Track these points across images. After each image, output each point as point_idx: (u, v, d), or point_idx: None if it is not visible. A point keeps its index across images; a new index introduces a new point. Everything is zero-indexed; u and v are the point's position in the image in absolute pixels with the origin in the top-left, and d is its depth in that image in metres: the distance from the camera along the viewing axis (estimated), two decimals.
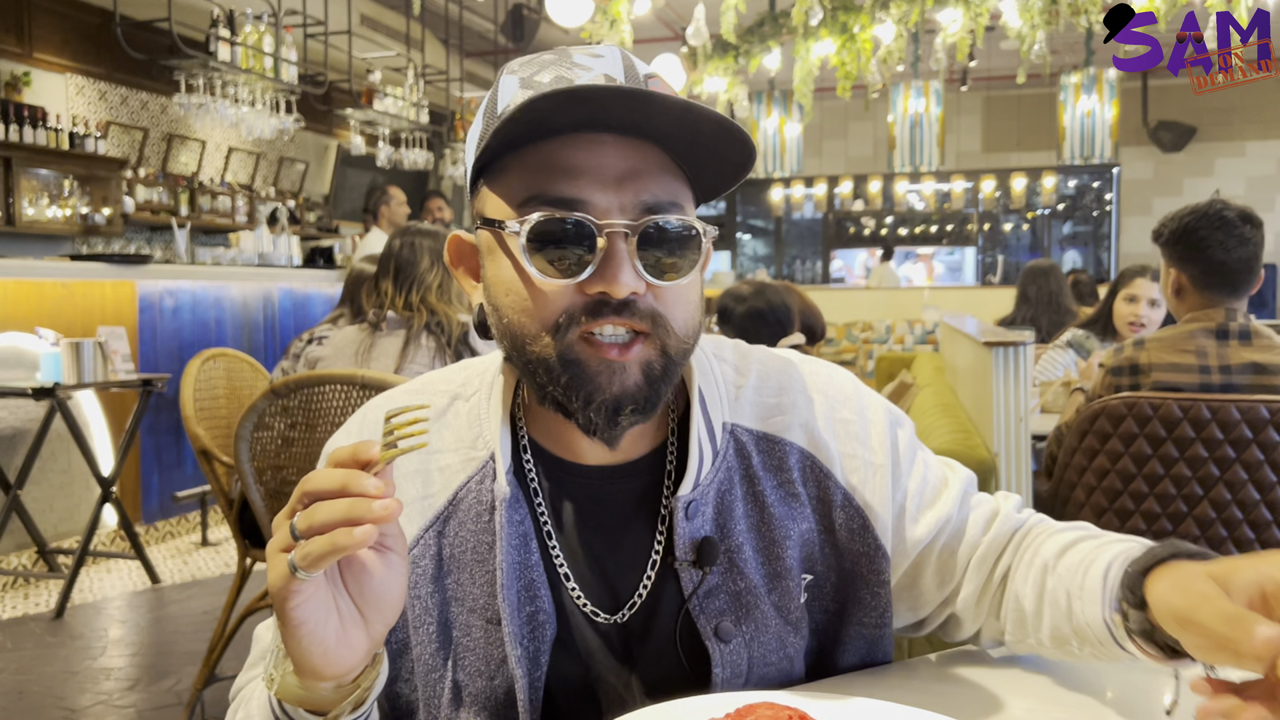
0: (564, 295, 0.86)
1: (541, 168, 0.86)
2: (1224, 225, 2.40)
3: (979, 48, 8.34)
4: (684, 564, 0.94)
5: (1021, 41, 7.14)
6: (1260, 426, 2.27)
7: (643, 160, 0.87)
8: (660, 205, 0.87)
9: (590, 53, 0.90)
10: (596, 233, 0.84)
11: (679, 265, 0.88)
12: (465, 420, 0.99)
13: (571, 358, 0.86)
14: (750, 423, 0.99)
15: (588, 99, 0.81)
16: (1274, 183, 13.10)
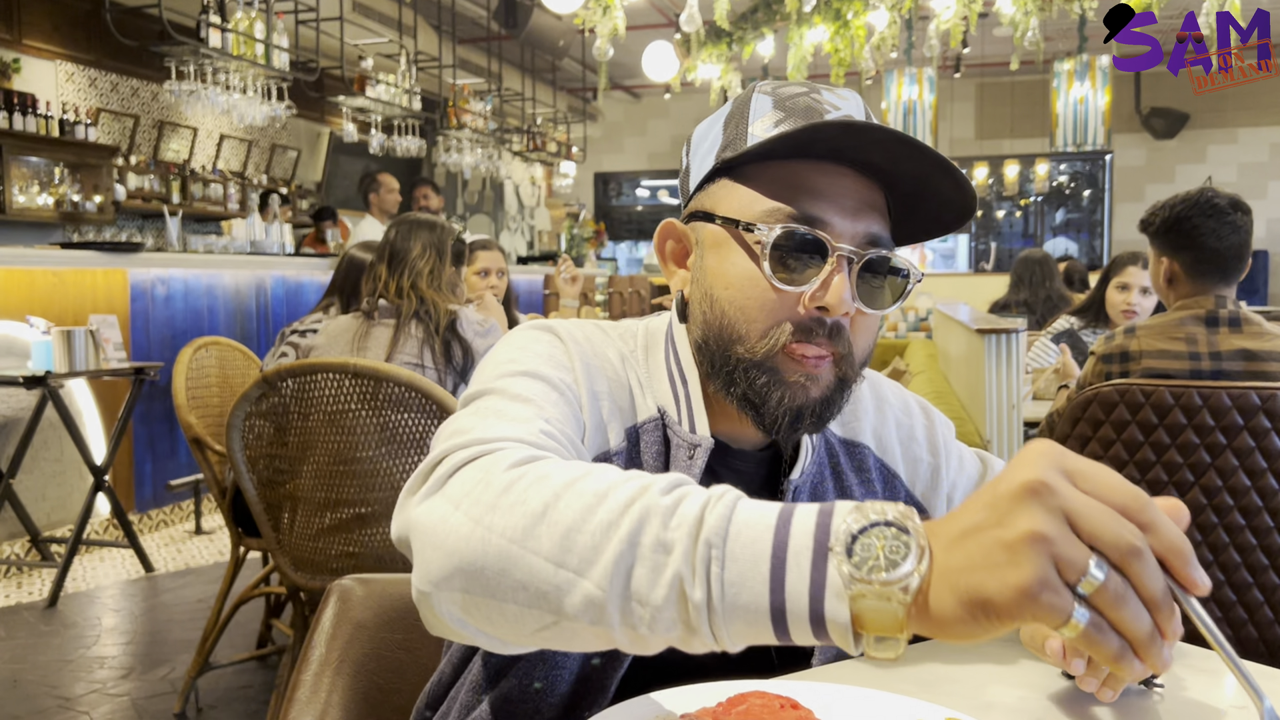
0: (785, 305, 0.94)
1: (793, 184, 0.95)
2: (1216, 213, 2.41)
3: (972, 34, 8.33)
4: None
5: (1015, 28, 7.13)
6: (1251, 413, 2.28)
7: (872, 197, 0.96)
8: (881, 240, 0.96)
9: (837, 94, 0.99)
10: (830, 252, 0.93)
11: (884, 298, 0.97)
12: (639, 367, 1.04)
13: (772, 365, 0.95)
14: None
15: (861, 133, 0.90)
16: (1266, 169, 13.12)
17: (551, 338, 1.01)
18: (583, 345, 1.01)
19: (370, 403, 2.25)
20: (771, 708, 0.81)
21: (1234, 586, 2.36)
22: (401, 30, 8.78)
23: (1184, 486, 2.35)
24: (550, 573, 0.68)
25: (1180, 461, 2.35)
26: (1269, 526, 2.32)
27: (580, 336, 1.03)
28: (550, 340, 1.01)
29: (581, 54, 10.97)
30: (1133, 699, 0.93)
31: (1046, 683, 0.96)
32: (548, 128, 11.81)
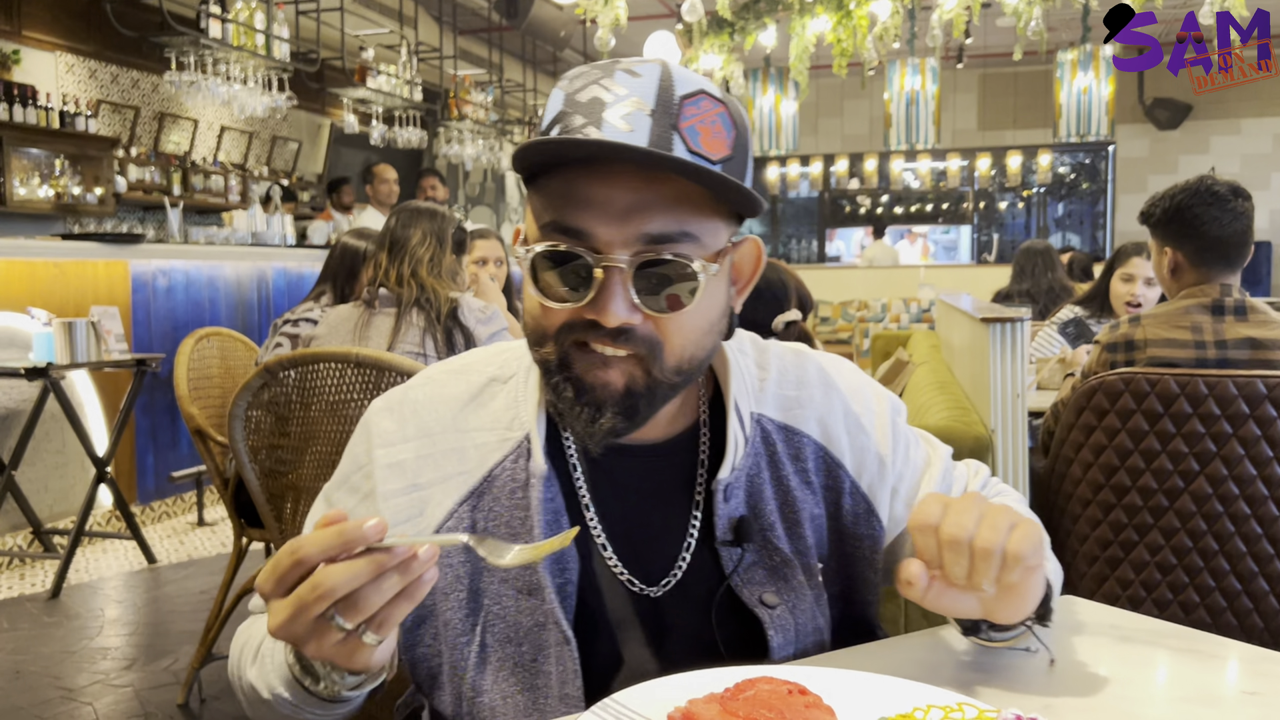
0: (563, 315, 0.92)
1: (560, 194, 0.91)
2: (1216, 201, 2.40)
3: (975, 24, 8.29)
4: (724, 543, 1.00)
5: (1018, 18, 7.10)
6: (1257, 402, 2.27)
7: (655, 193, 0.89)
8: (667, 236, 0.90)
9: (630, 70, 0.91)
10: (593, 264, 0.89)
11: (677, 298, 0.91)
12: (502, 402, 1.04)
13: (564, 360, 0.93)
14: (773, 413, 1.06)
15: (581, 147, 0.87)
16: (1269, 160, 13.08)
17: (359, 441, 1.07)
18: (392, 435, 1.04)
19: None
20: (779, 693, 0.81)
21: (1239, 576, 2.35)
22: (402, 21, 8.76)
23: (1189, 476, 2.35)
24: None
25: (1185, 451, 2.34)
26: (1275, 515, 2.31)
27: (406, 414, 1.05)
28: (358, 451, 1.06)
29: (583, 45, 10.94)
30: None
31: (1049, 670, 0.95)
32: None
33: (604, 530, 1.02)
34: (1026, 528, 0.85)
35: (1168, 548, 2.39)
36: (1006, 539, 0.83)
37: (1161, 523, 2.38)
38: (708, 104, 0.91)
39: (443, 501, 1.01)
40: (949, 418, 2.64)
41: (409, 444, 1.03)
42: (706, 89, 0.92)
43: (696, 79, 0.93)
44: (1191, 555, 2.37)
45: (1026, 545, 0.84)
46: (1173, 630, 1.05)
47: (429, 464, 1.02)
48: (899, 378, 3.99)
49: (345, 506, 1.04)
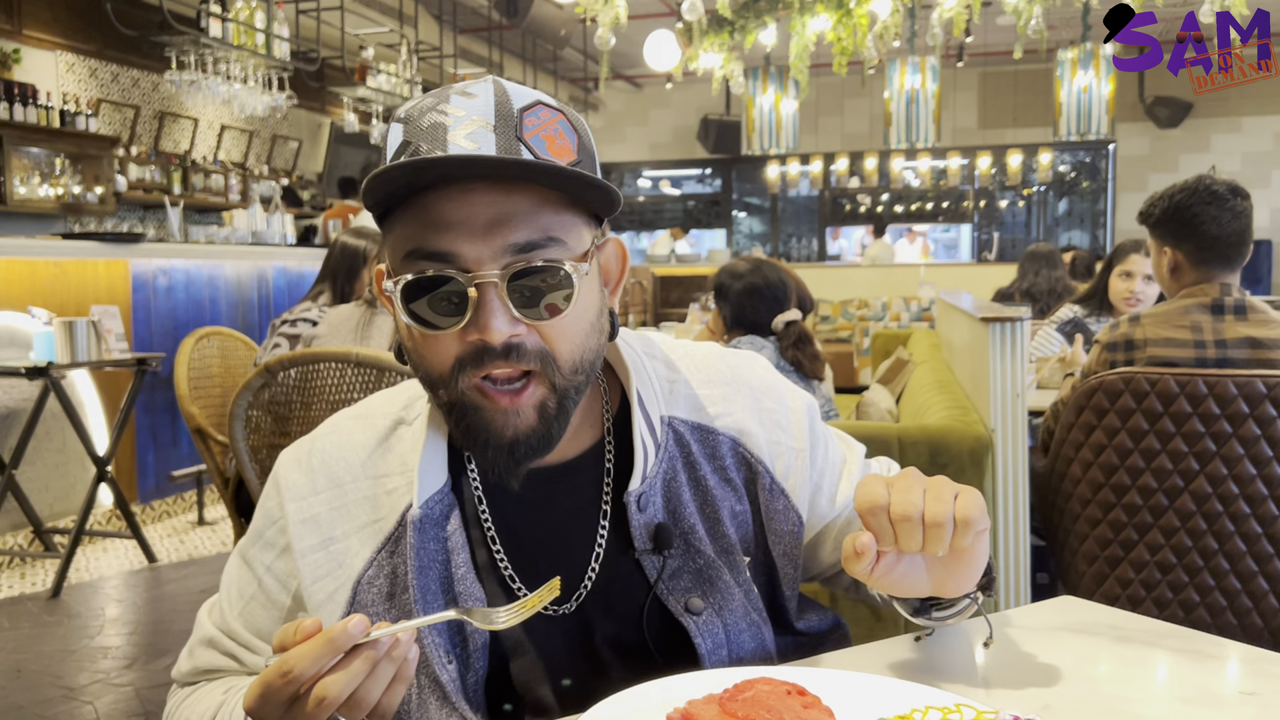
0: (450, 344, 0.90)
1: (418, 221, 0.89)
2: (1215, 200, 2.40)
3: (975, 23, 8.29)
4: (644, 552, 1.00)
5: (1018, 16, 7.10)
6: (1257, 401, 2.27)
7: (513, 204, 0.89)
8: (534, 244, 0.89)
9: (465, 92, 0.92)
10: (466, 284, 0.88)
11: (555, 302, 0.90)
12: (409, 444, 1.03)
13: (467, 405, 0.91)
14: (685, 414, 1.06)
15: (429, 168, 0.85)
16: (1270, 158, 13.08)
17: (271, 495, 1.06)
18: (302, 489, 1.03)
19: (373, 392, 2.25)
20: (778, 693, 0.81)
21: (1239, 575, 2.35)
22: (402, 20, 8.76)
23: (1188, 475, 2.35)
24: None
25: (1185, 450, 2.34)
26: (1274, 515, 2.31)
27: (314, 465, 1.04)
28: (270, 506, 1.06)
29: (583, 43, 10.93)
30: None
31: (1047, 670, 0.95)
32: None
33: (509, 559, 1.01)
34: (968, 495, 0.88)
35: (1167, 547, 2.39)
36: (953, 507, 0.86)
37: (1161, 522, 2.38)
38: (546, 113, 0.92)
39: (360, 551, 1.00)
40: (949, 417, 2.64)
41: (320, 496, 1.03)
42: (542, 99, 0.93)
43: (531, 92, 0.94)
44: (1191, 554, 2.37)
45: (974, 510, 0.86)
46: (1172, 630, 1.05)
47: (342, 515, 1.02)
48: (899, 376, 3.99)
49: (264, 562, 1.05)
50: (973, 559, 0.91)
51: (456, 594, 0.98)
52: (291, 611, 1.04)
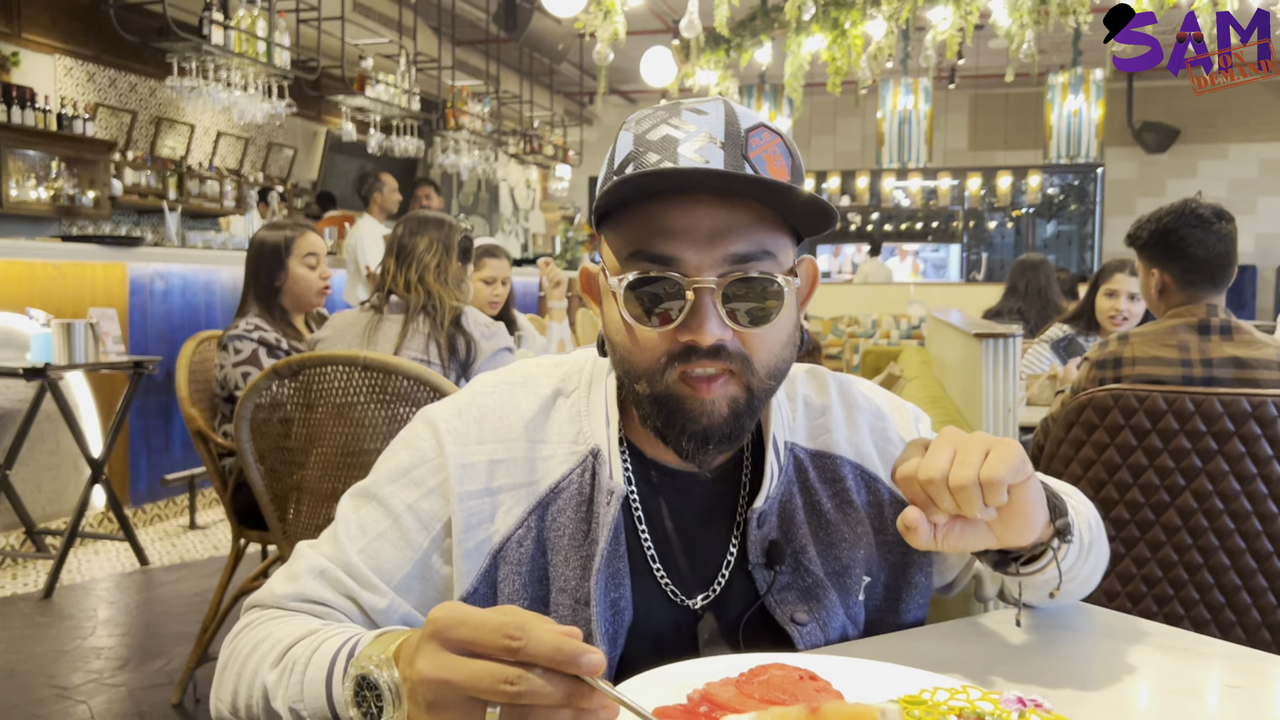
0: (661, 341, 0.98)
1: (643, 227, 0.97)
2: (1201, 223, 2.47)
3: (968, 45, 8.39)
4: (757, 565, 1.06)
5: (1010, 40, 7.20)
6: (1242, 419, 2.33)
7: (734, 217, 0.96)
8: (750, 255, 0.97)
9: (696, 109, 0.99)
10: (685, 288, 0.95)
11: (764, 312, 0.98)
12: (566, 416, 1.09)
13: (668, 395, 0.99)
14: (804, 441, 1.13)
15: (669, 176, 0.93)
16: (1255, 185, 13.24)
17: (427, 437, 1.07)
18: (464, 434, 1.06)
19: (379, 395, 2.28)
20: (791, 678, 0.85)
21: (1223, 589, 2.40)
22: (401, 31, 8.82)
23: (1175, 491, 2.40)
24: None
25: (1172, 466, 2.39)
26: (1258, 531, 2.37)
27: (472, 416, 1.07)
28: (420, 445, 1.07)
29: (579, 58, 11.01)
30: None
31: (1050, 660, 1.00)
32: (545, 131, 11.85)
33: (654, 546, 1.07)
34: (1000, 450, 0.88)
35: (1154, 561, 2.44)
36: (979, 468, 0.86)
37: (1148, 536, 2.43)
38: (768, 135, 0.99)
39: (513, 509, 1.04)
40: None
41: (484, 446, 1.06)
42: (765, 122, 1.01)
43: (755, 115, 1.01)
44: (1177, 569, 2.43)
45: (1001, 468, 0.86)
46: (1161, 630, 1.10)
47: (502, 470, 1.05)
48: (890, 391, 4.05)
49: (405, 500, 1.05)
50: (1020, 510, 0.91)
51: (614, 569, 1.03)
52: (425, 556, 1.04)
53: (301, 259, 3.21)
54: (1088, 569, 1.10)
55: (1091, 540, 1.09)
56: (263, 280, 3.22)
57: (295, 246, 3.20)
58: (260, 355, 3.05)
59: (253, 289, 3.23)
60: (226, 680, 0.99)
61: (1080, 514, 1.07)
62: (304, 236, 3.22)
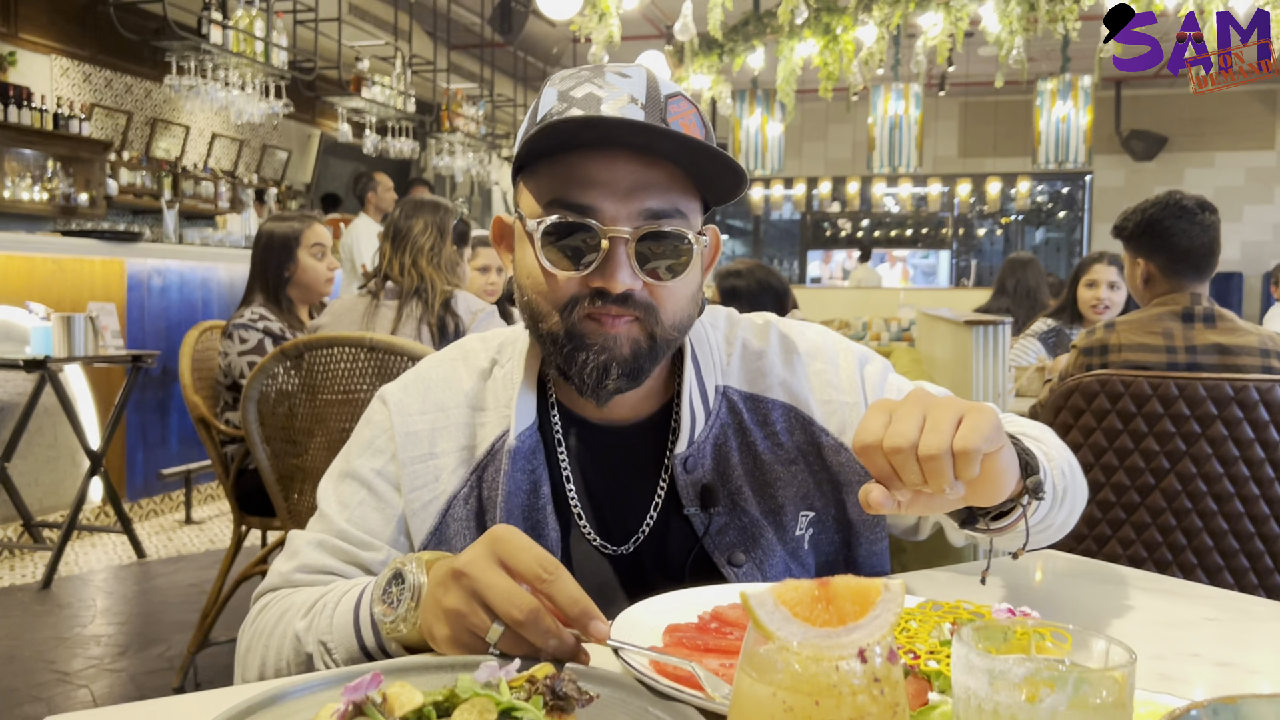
0: (571, 284, 1.03)
1: (564, 177, 1.02)
2: (1185, 214, 2.54)
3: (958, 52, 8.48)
4: (690, 508, 1.10)
5: (1000, 47, 7.28)
6: (1225, 404, 2.39)
7: (650, 175, 1.01)
8: (664, 212, 1.02)
9: (620, 72, 1.05)
10: (601, 236, 1.00)
11: (673, 266, 1.03)
12: (502, 384, 1.14)
13: (574, 330, 1.03)
14: (739, 384, 1.16)
15: (596, 125, 0.98)
16: (1241, 193, 13.37)
17: (379, 412, 1.15)
18: (407, 407, 1.13)
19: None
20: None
21: (1207, 570, 2.46)
22: (397, 34, 8.87)
23: (1160, 473, 2.46)
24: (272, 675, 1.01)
25: (1157, 449, 2.46)
26: (1239, 513, 2.43)
27: (415, 392, 1.15)
28: (375, 419, 1.15)
29: (573, 63, 11.07)
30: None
31: (1033, 600, 1.05)
32: None
33: (579, 500, 1.12)
34: (974, 417, 0.81)
35: (1139, 542, 2.50)
36: (952, 437, 0.80)
37: (1134, 518, 2.50)
38: (685, 104, 1.06)
39: (456, 470, 1.11)
40: None
41: (425, 415, 1.13)
42: (682, 92, 1.07)
43: (673, 84, 1.07)
44: (1161, 549, 2.49)
45: (975, 437, 0.79)
46: (1146, 576, 1.16)
47: (442, 435, 1.12)
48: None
49: (373, 467, 1.12)
50: (992, 479, 0.85)
51: (535, 521, 1.08)
52: (401, 513, 1.10)
53: (309, 249, 3.27)
54: (1061, 516, 1.08)
55: (1065, 487, 1.07)
56: (271, 271, 3.28)
57: (304, 237, 3.26)
58: (266, 345, 3.09)
59: (259, 279, 3.29)
60: (252, 656, 1.04)
61: (1053, 460, 1.05)
62: (311, 228, 3.28)
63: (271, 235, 3.28)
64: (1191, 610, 1.06)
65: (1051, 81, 8.90)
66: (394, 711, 0.63)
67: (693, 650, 0.83)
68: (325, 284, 3.33)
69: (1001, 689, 0.58)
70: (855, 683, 0.56)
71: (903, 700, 0.59)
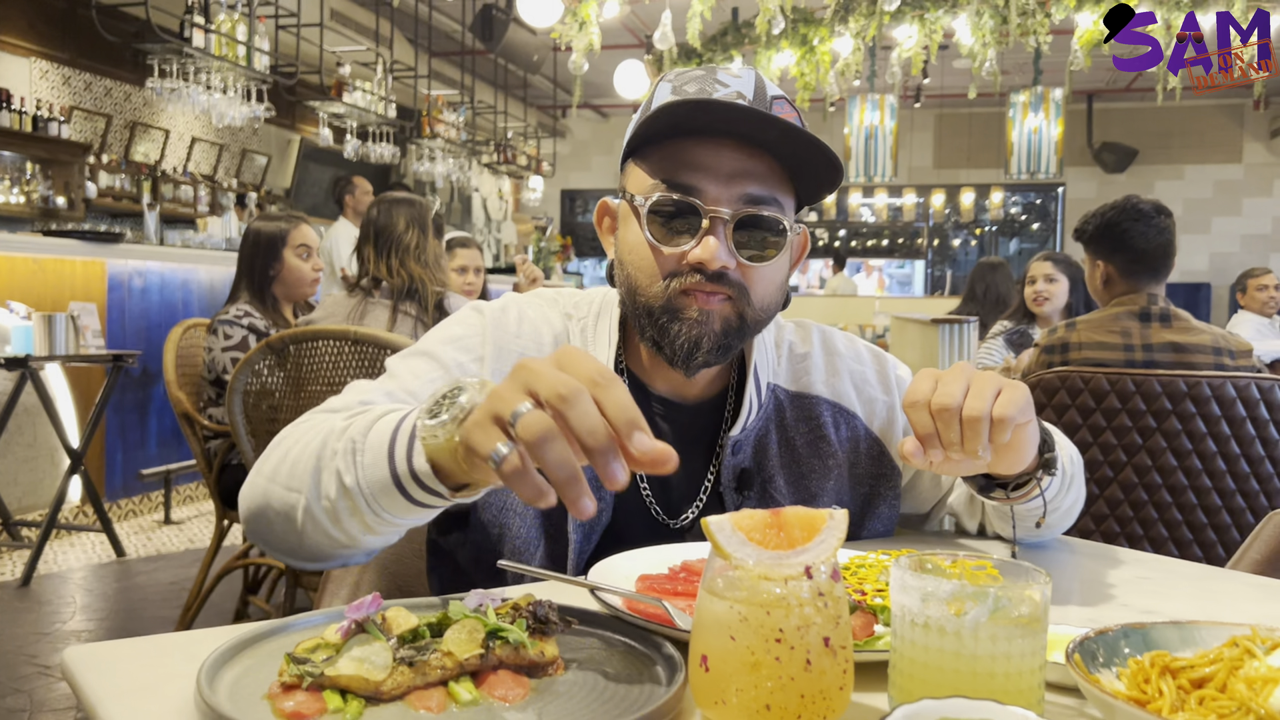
0: (671, 260, 1.10)
1: (673, 159, 1.10)
2: (1141, 217, 2.66)
3: (933, 64, 8.63)
4: (728, 489, 1.19)
5: (973, 59, 7.43)
6: (1178, 399, 2.49)
7: (753, 163, 1.10)
8: (761, 199, 1.10)
9: (731, 73, 1.15)
10: (703, 215, 1.09)
11: (766, 250, 1.11)
12: (579, 339, 1.22)
13: (670, 304, 1.11)
14: (786, 384, 1.26)
15: (709, 109, 1.06)
16: (1210, 205, 13.62)
17: (475, 318, 1.20)
18: (505, 325, 1.19)
19: (368, 369, 2.39)
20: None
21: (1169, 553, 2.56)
22: (378, 40, 8.92)
23: (1118, 466, 2.56)
24: (283, 495, 0.95)
25: (1115, 443, 2.55)
26: (1193, 504, 2.53)
27: (513, 315, 1.20)
28: (470, 322, 1.20)
29: (553, 71, 11.16)
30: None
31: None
32: (518, 142, 11.98)
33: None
34: (1011, 391, 0.93)
35: (1098, 533, 2.60)
36: (992, 404, 0.91)
37: (1093, 510, 2.59)
38: (789, 108, 1.15)
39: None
40: None
41: (519, 340, 1.20)
42: (787, 97, 1.16)
43: (779, 89, 1.17)
44: (1119, 540, 2.58)
45: (1012, 407, 0.91)
46: (1096, 546, 1.24)
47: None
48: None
49: (456, 359, 1.16)
50: (1018, 447, 0.97)
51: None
52: None
53: (295, 249, 3.34)
54: (1069, 500, 1.19)
55: (1073, 474, 1.18)
56: (257, 269, 3.34)
57: (290, 238, 3.32)
58: (250, 341, 3.15)
59: (246, 277, 3.35)
60: (277, 448, 1.00)
61: (1064, 450, 1.17)
62: (298, 228, 3.34)
63: (259, 234, 3.35)
64: (1129, 572, 1.14)
65: (1024, 94, 9.05)
66: (392, 631, 0.70)
67: (662, 594, 0.90)
68: (310, 285, 3.39)
69: (931, 604, 0.66)
70: (803, 595, 0.64)
71: (844, 614, 0.66)
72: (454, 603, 0.73)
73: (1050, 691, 0.73)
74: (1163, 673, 0.67)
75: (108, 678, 0.72)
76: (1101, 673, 0.70)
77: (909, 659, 0.67)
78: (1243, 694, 0.62)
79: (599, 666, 0.75)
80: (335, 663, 0.66)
